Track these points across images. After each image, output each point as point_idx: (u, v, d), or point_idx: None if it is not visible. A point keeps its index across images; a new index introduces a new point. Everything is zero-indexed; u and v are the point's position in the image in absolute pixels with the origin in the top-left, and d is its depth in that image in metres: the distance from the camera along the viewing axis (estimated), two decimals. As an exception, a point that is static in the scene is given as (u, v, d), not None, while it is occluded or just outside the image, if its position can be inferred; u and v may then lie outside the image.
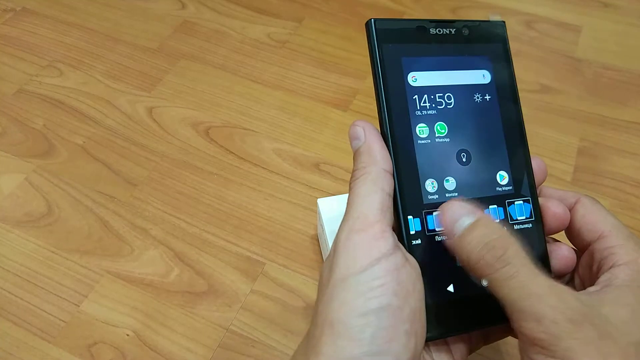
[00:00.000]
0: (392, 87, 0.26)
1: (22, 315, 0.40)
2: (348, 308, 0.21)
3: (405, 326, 0.21)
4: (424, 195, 0.25)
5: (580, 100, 0.56)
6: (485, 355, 0.38)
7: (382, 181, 0.24)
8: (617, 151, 0.51)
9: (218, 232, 0.45)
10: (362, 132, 0.25)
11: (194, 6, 0.67)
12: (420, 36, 0.27)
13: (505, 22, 0.29)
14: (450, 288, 0.25)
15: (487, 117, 0.27)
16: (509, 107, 0.28)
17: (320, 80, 0.57)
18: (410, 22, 0.27)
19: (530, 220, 0.27)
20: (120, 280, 0.42)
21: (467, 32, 0.28)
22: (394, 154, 0.25)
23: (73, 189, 0.48)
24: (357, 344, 0.21)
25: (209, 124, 0.53)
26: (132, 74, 0.58)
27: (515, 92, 0.28)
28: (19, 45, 0.61)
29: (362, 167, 0.24)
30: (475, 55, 0.28)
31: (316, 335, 0.22)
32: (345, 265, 0.22)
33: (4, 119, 0.54)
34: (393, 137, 0.25)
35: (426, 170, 0.25)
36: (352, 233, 0.22)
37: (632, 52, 0.61)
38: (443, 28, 0.27)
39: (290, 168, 0.49)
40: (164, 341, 0.39)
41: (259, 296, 0.41)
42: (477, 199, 0.26)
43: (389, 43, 0.26)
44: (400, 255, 0.23)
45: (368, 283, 0.21)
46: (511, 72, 0.28)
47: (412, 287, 0.22)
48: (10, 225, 0.45)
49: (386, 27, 0.26)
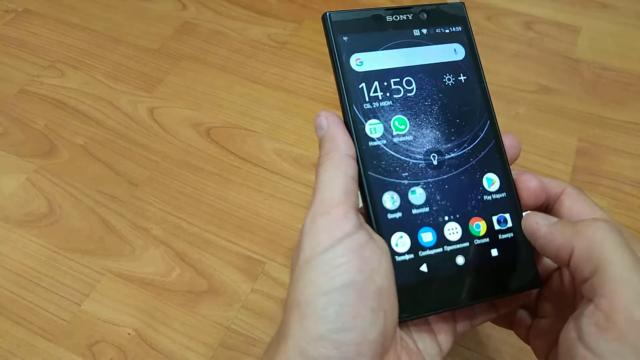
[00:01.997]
0: (346, 78, 0.26)
1: (23, 315, 0.40)
2: (313, 288, 0.21)
3: (371, 303, 0.22)
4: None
5: (578, 100, 0.56)
6: (486, 355, 0.38)
7: (345, 165, 0.24)
8: (615, 151, 0.51)
9: (219, 232, 0.45)
10: (325, 121, 0.25)
11: (194, 7, 0.67)
12: (377, 25, 0.26)
13: (464, 3, 0.28)
14: (423, 268, 0.25)
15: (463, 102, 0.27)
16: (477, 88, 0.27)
17: (320, 81, 0.58)
18: (366, 12, 0.27)
19: (502, 196, 0.26)
20: (122, 279, 0.42)
21: (425, 16, 0.27)
22: (357, 142, 0.25)
23: (74, 189, 0.48)
24: (322, 322, 0.21)
25: (209, 125, 0.54)
26: (133, 74, 0.59)
27: (481, 73, 0.27)
28: (20, 46, 0.62)
29: (324, 154, 0.24)
30: (438, 37, 0.27)
31: (285, 319, 0.22)
32: (309, 246, 0.22)
33: (6, 120, 0.54)
34: (353, 129, 0.25)
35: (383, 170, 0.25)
36: (316, 216, 0.23)
37: (630, 52, 0.61)
38: (399, 15, 0.27)
39: (290, 168, 0.50)
40: (165, 340, 0.39)
41: (260, 295, 0.41)
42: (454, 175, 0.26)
43: (345, 34, 0.26)
44: (364, 233, 0.23)
45: (332, 261, 0.21)
46: (475, 56, 0.27)
47: (378, 264, 0.22)
48: (12, 225, 0.46)
49: (342, 19, 0.26)
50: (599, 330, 0.19)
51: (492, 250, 0.26)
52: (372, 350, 0.21)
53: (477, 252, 0.26)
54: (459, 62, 0.27)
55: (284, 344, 0.21)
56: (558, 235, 0.22)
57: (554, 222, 0.23)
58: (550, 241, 0.23)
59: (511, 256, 0.26)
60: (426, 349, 0.25)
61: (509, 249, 0.26)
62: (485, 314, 0.27)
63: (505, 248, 0.26)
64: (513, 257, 0.26)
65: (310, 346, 0.21)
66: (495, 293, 0.26)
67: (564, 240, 0.22)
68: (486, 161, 0.26)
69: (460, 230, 0.26)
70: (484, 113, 0.27)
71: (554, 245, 0.23)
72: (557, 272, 0.26)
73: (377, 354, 0.22)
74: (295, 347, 0.21)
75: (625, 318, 0.19)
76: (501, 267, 0.26)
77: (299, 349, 0.21)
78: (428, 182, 0.26)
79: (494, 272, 0.26)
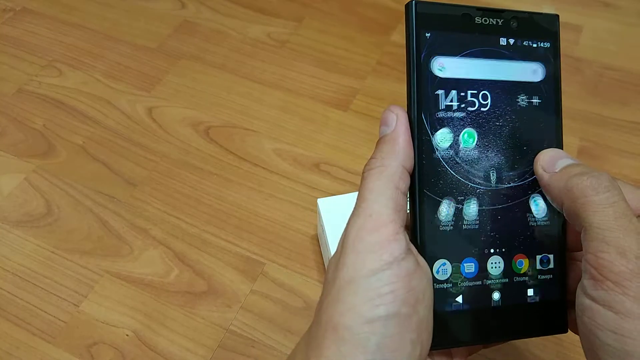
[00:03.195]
0: (423, 80, 0.23)
1: (21, 316, 0.40)
2: (354, 313, 0.20)
3: (412, 335, 0.21)
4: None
5: (580, 100, 0.56)
6: (486, 355, 0.38)
7: (399, 179, 0.22)
8: (617, 151, 0.51)
9: (218, 232, 0.45)
10: (394, 119, 0.23)
11: (194, 6, 0.67)
12: (464, 25, 0.24)
13: (558, 15, 0.26)
14: (459, 299, 0.24)
15: (533, 124, 0.25)
16: (552, 114, 0.26)
17: (320, 80, 0.57)
18: (455, 8, 0.24)
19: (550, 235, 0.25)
20: (120, 280, 0.42)
21: (516, 24, 0.25)
22: (418, 152, 0.23)
23: (73, 189, 0.48)
24: (361, 351, 0.20)
25: (208, 124, 0.53)
26: (132, 73, 0.58)
27: (559, 97, 0.26)
28: (18, 45, 0.61)
29: (380, 158, 0.23)
30: (521, 59, 0.25)
31: (319, 336, 0.21)
32: (353, 266, 0.21)
33: (4, 119, 0.54)
34: (418, 137, 0.23)
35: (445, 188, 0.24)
36: (363, 232, 0.21)
37: (632, 52, 0.61)
38: (489, 18, 0.25)
39: (290, 168, 0.49)
40: (163, 341, 0.39)
41: (259, 296, 0.41)
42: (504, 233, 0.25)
43: (429, 30, 0.23)
44: (412, 260, 0.22)
45: (377, 289, 0.20)
46: (557, 78, 0.26)
47: (422, 294, 0.22)
48: (10, 225, 0.45)
49: (428, 11, 0.24)
50: (594, 283, 0.21)
51: (528, 290, 0.25)
52: None
53: (514, 290, 0.25)
54: (540, 84, 0.26)
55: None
56: (554, 188, 0.23)
57: (557, 169, 0.24)
58: (548, 191, 0.24)
59: (545, 298, 0.25)
60: None
61: (544, 291, 0.25)
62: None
63: (542, 289, 0.25)
64: (547, 299, 0.25)
65: None
66: (521, 334, 0.25)
67: (557, 195, 0.23)
68: (542, 197, 0.25)
69: (503, 265, 0.25)
70: (552, 144, 0.26)
71: (550, 196, 0.24)
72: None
73: None
74: None
75: (612, 271, 0.20)
76: (533, 308, 0.25)
77: None
78: (482, 209, 0.24)
79: (525, 313, 0.25)
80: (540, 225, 0.25)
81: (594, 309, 0.21)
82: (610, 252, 0.20)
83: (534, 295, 0.25)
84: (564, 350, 0.38)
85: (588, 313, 0.21)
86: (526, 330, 0.25)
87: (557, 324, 0.25)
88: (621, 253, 0.20)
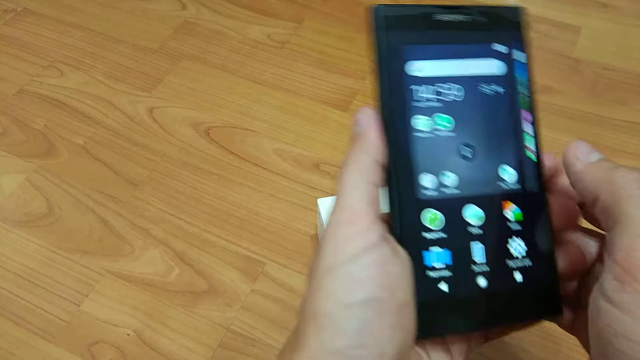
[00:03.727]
0: (390, 77, 0.25)
1: (22, 315, 0.40)
2: (333, 299, 0.21)
3: (392, 319, 0.21)
4: (418, 190, 0.24)
5: (579, 100, 0.56)
6: (486, 355, 0.38)
7: (371, 173, 0.23)
8: (615, 151, 0.51)
9: (218, 232, 0.45)
10: (365, 119, 0.25)
11: (194, 7, 0.67)
12: (428, 23, 0.25)
13: (524, 7, 0.27)
14: (443, 287, 0.24)
15: (498, 111, 0.26)
16: (522, 100, 0.26)
17: (320, 81, 0.58)
18: (416, 8, 0.25)
19: (537, 217, 0.26)
20: (121, 280, 0.42)
21: (481, 18, 0.26)
22: (390, 145, 0.24)
23: (74, 189, 0.48)
24: (341, 337, 0.20)
25: (209, 124, 0.53)
26: (132, 74, 0.59)
27: (531, 86, 0.26)
28: (20, 46, 0.61)
29: (354, 154, 0.24)
30: (489, 44, 0.26)
31: (301, 327, 0.22)
32: (332, 255, 0.22)
33: (5, 119, 0.54)
34: (389, 128, 0.24)
35: (422, 164, 0.25)
36: (340, 225, 0.22)
37: (631, 52, 0.61)
38: (454, 14, 0.25)
39: (290, 168, 0.50)
40: (164, 341, 0.39)
41: (259, 296, 0.41)
42: (481, 195, 0.25)
43: (392, 31, 0.24)
44: (389, 246, 0.22)
45: (354, 274, 0.21)
46: (529, 63, 0.26)
47: (400, 279, 0.22)
48: (11, 225, 0.45)
49: (389, 14, 0.25)
50: (619, 284, 0.20)
51: (516, 275, 0.25)
52: None
53: (501, 275, 0.25)
54: (508, 75, 0.26)
55: (298, 352, 0.21)
56: (589, 177, 0.22)
57: (594, 160, 0.23)
58: (580, 180, 0.23)
59: (535, 282, 0.25)
60: None
61: (533, 274, 0.25)
62: (500, 332, 0.27)
63: (530, 272, 0.25)
64: (537, 283, 0.25)
65: (326, 359, 0.20)
66: (513, 319, 0.25)
67: (592, 185, 0.22)
68: (512, 167, 0.26)
69: (487, 250, 0.25)
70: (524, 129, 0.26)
71: (583, 185, 0.23)
72: (598, 262, 0.25)
73: None
74: (310, 358, 0.21)
75: None
76: (523, 293, 0.25)
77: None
78: (462, 197, 0.25)
79: (516, 298, 0.25)
80: (521, 202, 0.25)
81: (612, 314, 0.20)
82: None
83: (522, 279, 0.25)
84: (564, 350, 0.38)
85: (605, 319, 0.20)
86: (516, 316, 0.25)
87: (550, 308, 0.25)
88: None
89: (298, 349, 0.21)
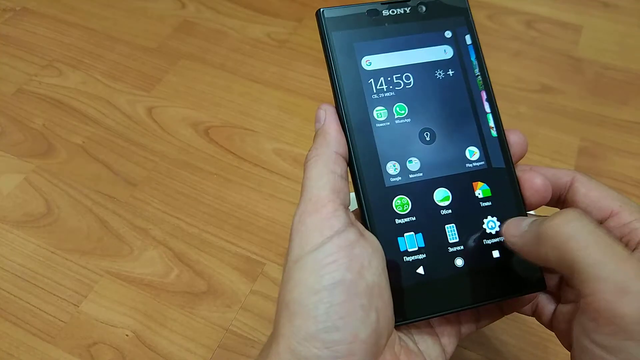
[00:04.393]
0: (345, 74, 0.26)
1: (21, 316, 0.40)
2: (302, 287, 0.21)
3: (362, 301, 0.21)
4: (385, 178, 0.25)
5: (580, 100, 0.56)
6: (485, 355, 0.38)
7: (333, 164, 0.24)
8: (617, 151, 0.51)
9: (218, 232, 0.45)
10: (324, 114, 0.25)
11: (193, 6, 0.67)
12: (373, 20, 0.26)
13: None
14: (419, 270, 0.24)
15: (452, 93, 0.26)
16: (475, 81, 0.27)
17: (320, 80, 0.57)
18: (361, 7, 0.26)
19: (506, 192, 0.26)
20: (120, 280, 0.42)
21: (424, 8, 0.27)
22: (352, 138, 0.25)
23: (72, 189, 0.48)
24: (312, 322, 0.21)
25: (208, 124, 0.53)
26: (131, 73, 0.58)
27: (482, 65, 0.27)
28: (18, 45, 0.61)
29: (315, 149, 0.24)
30: (435, 32, 0.27)
31: (276, 319, 0.22)
32: (298, 246, 0.22)
33: (4, 119, 0.54)
34: (349, 122, 0.25)
35: (387, 152, 0.25)
36: (304, 215, 0.23)
37: (632, 51, 0.61)
38: (396, 8, 0.27)
39: (290, 168, 0.49)
40: (163, 341, 0.39)
41: (259, 296, 0.41)
42: (446, 177, 0.26)
43: (340, 30, 0.26)
44: (354, 231, 0.22)
45: (320, 260, 0.21)
46: (476, 45, 0.27)
47: (368, 261, 0.22)
48: (10, 225, 0.45)
49: (336, 15, 0.26)
50: (596, 326, 0.19)
51: (493, 252, 0.25)
52: (364, 350, 0.21)
53: (477, 254, 0.25)
54: (456, 58, 0.27)
55: (276, 343, 0.21)
56: (530, 245, 0.22)
57: (524, 228, 0.23)
58: (527, 254, 0.22)
59: (514, 258, 0.25)
60: (428, 350, 0.25)
61: (511, 251, 0.25)
62: (491, 316, 0.27)
63: (508, 249, 0.25)
64: (516, 258, 0.25)
65: (301, 346, 0.20)
66: (496, 296, 0.25)
67: (537, 250, 0.21)
68: (477, 148, 0.26)
69: (460, 229, 0.25)
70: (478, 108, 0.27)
71: (532, 257, 0.22)
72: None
73: (370, 353, 0.21)
74: (287, 346, 0.21)
75: (612, 315, 0.19)
76: (503, 269, 0.25)
77: (290, 348, 0.21)
78: (429, 180, 0.25)
79: (495, 274, 0.25)
80: (488, 179, 0.26)
81: (596, 354, 0.19)
82: (609, 290, 0.19)
83: (500, 256, 0.25)
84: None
85: (589, 357, 0.20)
86: (499, 292, 0.25)
87: (533, 281, 0.25)
88: (621, 289, 0.18)
89: (275, 340, 0.21)
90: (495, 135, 0.26)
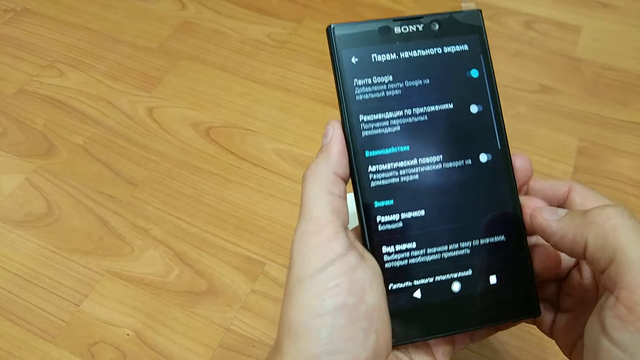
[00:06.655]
0: (352, 93, 0.25)
1: (22, 315, 0.40)
2: (305, 309, 0.22)
3: (362, 324, 0.22)
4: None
5: (579, 100, 0.56)
6: (485, 356, 0.38)
7: (332, 184, 0.24)
8: (616, 151, 0.51)
9: (218, 232, 0.45)
10: (332, 132, 0.25)
11: (194, 6, 0.67)
12: (385, 37, 0.25)
13: (481, 11, 0.27)
14: (416, 294, 0.25)
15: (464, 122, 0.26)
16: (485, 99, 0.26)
17: (320, 80, 0.58)
18: (372, 24, 0.25)
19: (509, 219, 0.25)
20: (121, 280, 0.42)
21: (437, 26, 0.26)
22: (356, 158, 0.25)
23: (73, 189, 0.48)
24: (315, 344, 0.21)
25: (209, 124, 0.53)
26: (132, 74, 0.58)
27: (493, 84, 0.26)
28: (19, 46, 0.61)
29: (315, 165, 0.25)
30: (450, 52, 0.26)
31: (279, 337, 0.22)
32: (300, 267, 0.22)
33: (5, 119, 0.54)
34: (354, 142, 0.25)
35: None
36: (306, 236, 0.23)
37: (631, 52, 0.61)
38: (409, 25, 0.25)
39: (290, 168, 0.50)
40: (164, 341, 0.39)
41: (259, 296, 0.41)
42: None
43: (351, 48, 0.25)
44: (355, 254, 0.23)
45: (323, 284, 0.22)
46: (489, 66, 0.26)
47: (369, 285, 0.23)
48: (11, 225, 0.45)
49: (347, 32, 0.25)
50: (621, 323, 0.19)
51: (490, 278, 0.25)
52: None
53: (474, 278, 0.25)
54: (470, 79, 0.26)
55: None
56: (569, 228, 0.22)
57: (562, 214, 0.23)
58: (562, 237, 0.22)
59: (511, 283, 0.25)
60: None
61: (509, 277, 0.25)
62: (485, 332, 0.27)
63: (506, 275, 0.25)
64: (513, 284, 0.25)
65: None
66: (489, 321, 0.25)
67: (576, 233, 0.22)
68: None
69: (458, 253, 0.25)
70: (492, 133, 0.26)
71: (567, 240, 0.22)
72: (576, 266, 0.26)
73: None
74: None
75: None
76: (499, 295, 0.25)
77: None
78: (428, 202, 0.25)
79: (490, 300, 0.25)
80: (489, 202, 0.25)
81: (612, 353, 0.19)
82: None
83: (497, 282, 0.25)
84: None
85: (606, 356, 0.20)
86: (493, 317, 0.25)
87: (528, 307, 0.25)
88: None
89: (278, 357, 0.22)
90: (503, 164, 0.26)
